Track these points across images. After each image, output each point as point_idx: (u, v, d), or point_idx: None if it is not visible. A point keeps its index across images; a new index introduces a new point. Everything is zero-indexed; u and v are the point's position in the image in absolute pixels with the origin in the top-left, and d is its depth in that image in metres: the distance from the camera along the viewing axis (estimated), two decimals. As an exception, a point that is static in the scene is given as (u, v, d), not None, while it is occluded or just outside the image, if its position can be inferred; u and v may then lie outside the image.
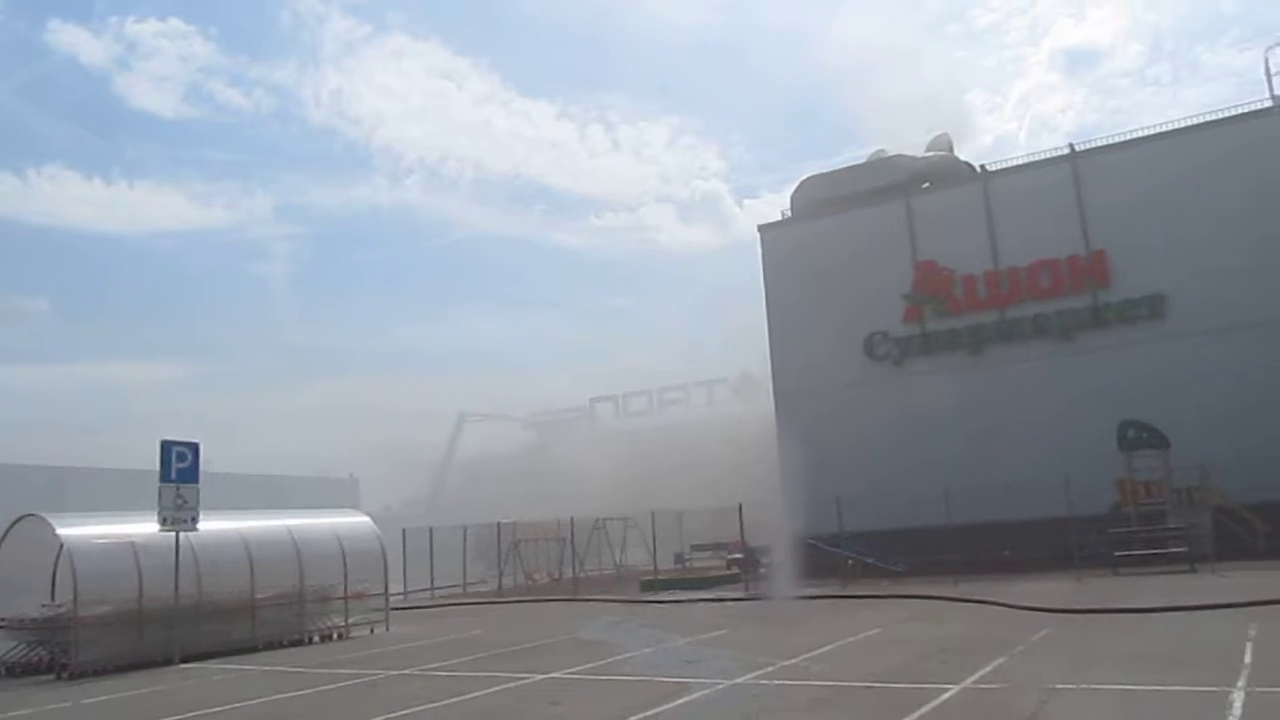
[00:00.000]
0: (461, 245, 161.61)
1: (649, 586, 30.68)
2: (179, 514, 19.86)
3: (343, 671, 16.53)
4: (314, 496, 67.48)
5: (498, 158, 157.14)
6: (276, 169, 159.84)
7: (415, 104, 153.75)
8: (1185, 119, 30.46)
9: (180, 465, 20.16)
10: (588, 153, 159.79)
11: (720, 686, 12.37)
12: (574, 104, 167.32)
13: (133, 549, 19.53)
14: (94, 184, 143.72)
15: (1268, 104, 28.53)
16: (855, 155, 39.91)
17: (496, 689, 13.52)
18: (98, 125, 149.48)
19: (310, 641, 22.15)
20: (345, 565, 23.15)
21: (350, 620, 23.15)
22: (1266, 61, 28.65)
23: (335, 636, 22.75)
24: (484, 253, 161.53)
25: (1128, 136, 31.36)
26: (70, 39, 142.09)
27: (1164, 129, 30.55)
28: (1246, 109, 29.25)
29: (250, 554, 21.46)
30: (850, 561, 27.63)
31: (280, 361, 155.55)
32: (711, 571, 32.99)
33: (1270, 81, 28.40)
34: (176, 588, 19.45)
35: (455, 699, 12.85)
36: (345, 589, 23.08)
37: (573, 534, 36.43)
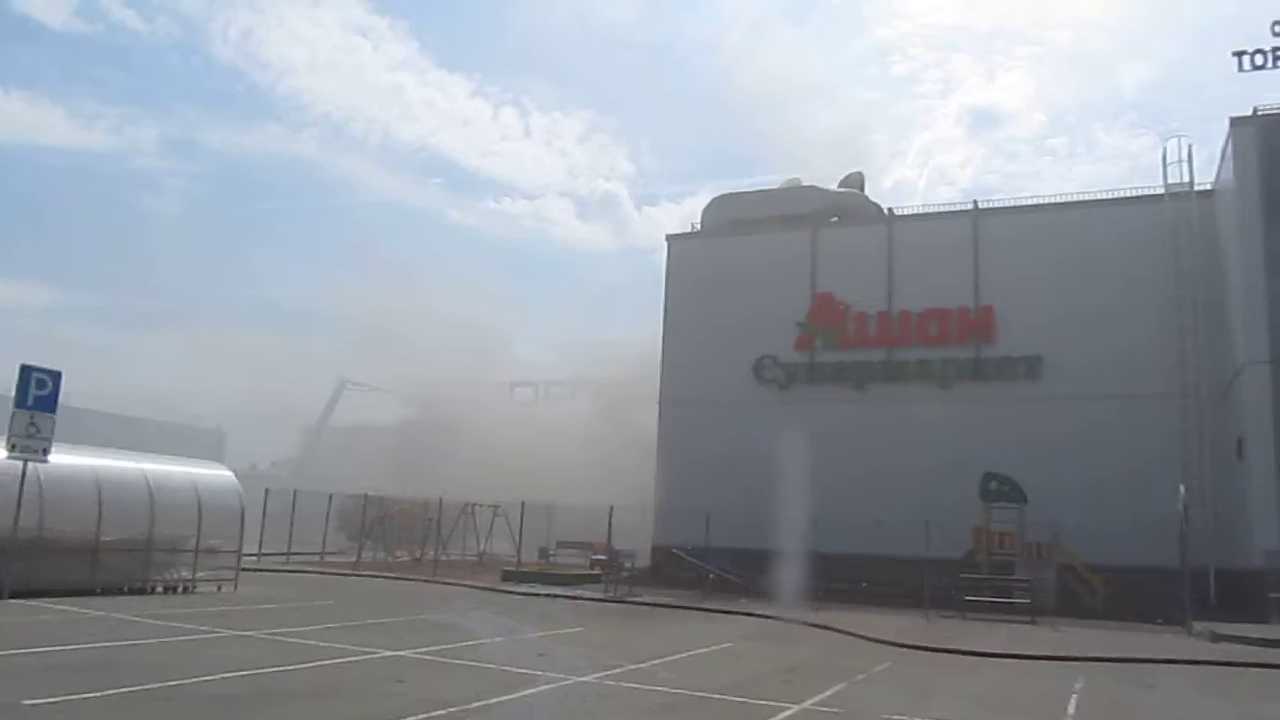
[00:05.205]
0: (357, 209, 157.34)
1: (510, 577, 30.57)
2: (31, 443, 19.04)
3: (183, 625, 16.01)
4: (177, 444, 64.93)
5: (406, 126, 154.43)
6: (170, 101, 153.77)
7: (326, 57, 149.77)
8: (1081, 193, 31.86)
9: (39, 393, 19.35)
10: (499, 134, 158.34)
11: (567, 682, 12.38)
12: (491, 83, 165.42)
13: (-26, 474, 18.62)
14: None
15: (1159, 191, 29.91)
16: (761, 180, 40.50)
17: (340, 660, 13.28)
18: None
19: (153, 591, 21.49)
20: (200, 517, 22.49)
21: (198, 575, 22.52)
22: (1165, 151, 29.95)
23: (180, 589, 22.10)
24: (380, 219, 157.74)
25: (1026, 202, 32.65)
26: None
27: (1063, 200, 31.95)
28: (1141, 192, 30.63)
29: (100, 494, 20.65)
30: (711, 575, 27.95)
31: (155, 302, 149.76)
32: (574, 569, 32.99)
33: (1165, 170, 29.77)
34: (17, 519, 18.58)
35: (294, 666, 12.56)
36: (197, 542, 22.40)
37: (440, 515, 36.01)
